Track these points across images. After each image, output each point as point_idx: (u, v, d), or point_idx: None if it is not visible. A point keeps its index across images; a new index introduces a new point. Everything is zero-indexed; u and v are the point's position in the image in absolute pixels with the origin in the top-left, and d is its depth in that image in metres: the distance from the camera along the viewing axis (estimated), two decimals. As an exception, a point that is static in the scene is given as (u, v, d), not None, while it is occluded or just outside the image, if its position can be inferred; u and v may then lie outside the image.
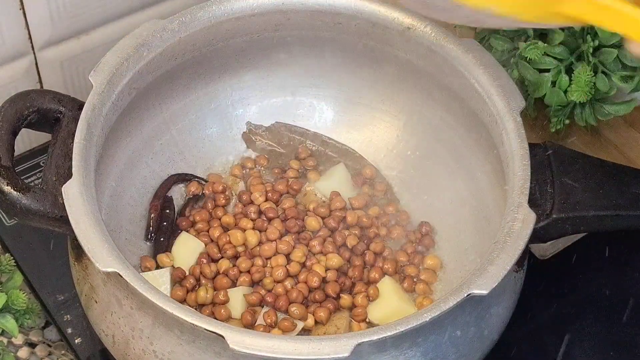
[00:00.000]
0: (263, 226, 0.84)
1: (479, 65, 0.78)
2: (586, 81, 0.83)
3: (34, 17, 0.87)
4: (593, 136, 0.91)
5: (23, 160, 0.95)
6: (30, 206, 0.71)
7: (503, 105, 0.76)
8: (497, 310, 0.74)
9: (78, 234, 0.68)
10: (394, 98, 0.89)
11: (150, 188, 0.86)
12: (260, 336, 0.64)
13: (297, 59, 0.87)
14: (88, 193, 0.70)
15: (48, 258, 0.88)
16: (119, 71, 0.76)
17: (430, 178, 0.87)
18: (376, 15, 0.82)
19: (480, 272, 0.67)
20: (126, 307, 0.70)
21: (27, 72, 0.91)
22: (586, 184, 0.75)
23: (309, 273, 0.81)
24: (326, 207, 0.85)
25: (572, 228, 0.75)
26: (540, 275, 0.85)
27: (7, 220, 0.90)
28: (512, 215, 0.71)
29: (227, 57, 0.86)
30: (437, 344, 0.69)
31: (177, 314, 0.64)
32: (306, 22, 0.83)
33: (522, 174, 0.73)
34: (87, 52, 0.93)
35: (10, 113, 0.74)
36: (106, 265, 0.66)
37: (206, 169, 0.89)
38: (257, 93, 0.90)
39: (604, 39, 0.82)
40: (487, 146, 0.79)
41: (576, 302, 0.87)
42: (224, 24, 0.82)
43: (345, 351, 0.63)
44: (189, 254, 0.83)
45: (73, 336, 0.83)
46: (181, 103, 0.87)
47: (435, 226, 0.86)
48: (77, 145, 0.72)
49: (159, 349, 0.69)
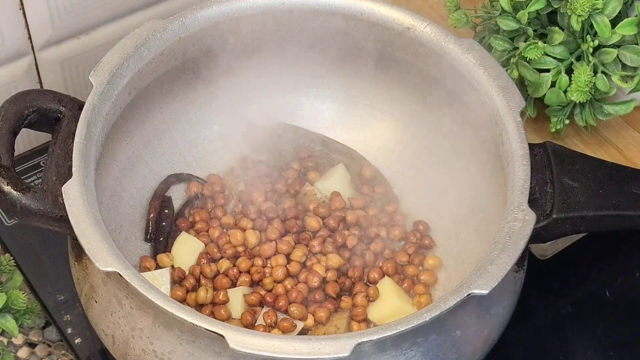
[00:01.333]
0: (263, 226, 0.84)
1: (479, 65, 0.78)
2: (586, 81, 0.83)
3: (34, 17, 0.87)
4: (593, 136, 0.91)
5: (23, 160, 0.95)
6: (30, 206, 0.71)
7: (503, 105, 0.76)
8: (497, 310, 0.74)
9: (78, 234, 0.68)
10: (394, 98, 0.89)
11: (150, 188, 0.86)
12: (261, 336, 0.64)
13: (298, 59, 0.87)
14: (88, 193, 0.70)
15: (48, 258, 0.88)
16: (119, 71, 0.76)
17: (431, 178, 0.87)
18: (376, 15, 0.82)
19: (481, 272, 0.67)
20: (126, 306, 0.70)
21: (27, 72, 0.91)
22: (586, 184, 0.75)
23: (309, 273, 0.81)
24: (326, 207, 0.85)
25: (572, 228, 0.75)
26: (540, 275, 0.85)
27: (7, 220, 0.90)
28: (512, 215, 0.71)
29: (227, 57, 0.86)
30: (437, 344, 0.69)
31: (178, 313, 0.64)
32: (306, 22, 0.83)
33: (522, 174, 0.73)
34: (87, 52, 0.93)
35: (10, 113, 0.74)
36: (106, 265, 0.66)
37: (206, 169, 0.89)
38: (257, 93, 0.90)
39: (604, 39, 0.82)
40: (487, 146, 0.79)
41: (576, 302, 0.87)
42: (224, 24, 0.82)
43: (345, 351, 0.63)
44: (189, 254, 0.83)
45: (73, 336, 0.83)
46: (181, 103, 0.87)
47: (435, 226, 0.86)
48: (77, 145, 0.72)
49: (159, 348, 0.69)
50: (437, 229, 0.86)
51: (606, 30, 0.82)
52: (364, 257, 0.83)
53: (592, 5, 0.81)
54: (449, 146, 0.86)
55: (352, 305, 0.80)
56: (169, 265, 0.82)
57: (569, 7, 0.81)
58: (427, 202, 0.87)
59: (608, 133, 0.92)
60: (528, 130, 0.76)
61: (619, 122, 0.92)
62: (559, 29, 0.84)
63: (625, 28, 0.82)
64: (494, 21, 0.87)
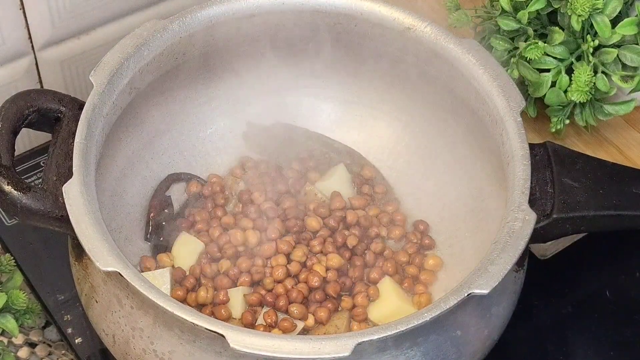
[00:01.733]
0: (263, 226, 0.84)
1: (479, 65, 0.78)
2: (586, 81, 0.83)
3: (34, 17, 0.87)
4: (593, 136, 0.91)
5: (23, 160, 0.95)
6: (30, 206, 0.71)
7: (503, 105, 0.76)
8: (497, 310, 0.74)
9: (78, 234, 0.68)
10: (394, 98, 0.89)
11: (150, 188, 0.86)
12: (261, 335, 0.64)
13: (298, 59, 0.87)
14: (88, 193, 0.70)
15: (48, 258, 0.88)
16: (119, 71, 0.76)
17: (431, 178, 0.87)
18: (376, 16, 0.82)
19: (481, 272, 0.67)
20: (126, 306, 0.70)
21: (27, 72, 0.91)
22: (586, 184, 0.75)
23: (309, 273, 0.81)
24: (326, 207, 0.85)
25: (572, 228, 0.75)
26: (540, 275, 0.85)
27: (7, 220, 0.90)
28: (512, 215, 0.71)
29: (227, 57, 0.86)
30: (438, 344, 0.69)
31: (178, 313, 0.64)
32: (306, 22, 0.83)
33: (522, 174, 0.73)
34: (87, 52, 0.93)
35: (10, 113, 0.74)
36: (106, 264, 0.66)
37: (206, 169, 0.89)
38: (258, 93, 0.90)
39: (604, 39, 0.82)
40: (487, 146, 0.79)
41: (576, 302, 0.87)
42: (224, 24, 0.82)
43: (346, 350, 0.63)
44: (189, 254, 0.83)
45: (73, 336, 0.83)
46: (181, 103, 0.87)
47: (435, 226, 0.86)
48: (77, 145, 0.72)
49: (160, 348, 0.69)
50: (437, 229, 0.86)
51: (606, 30, 0.82)
52: (364, 257, 0.83)
53: (592, 5, 0.81)
54: (449, 146, 0.86)
55: (352, 305, 0.80)
56: (169, 265, 0.82)
57: (569, 7, 0.81)
58: (427, 202, 0.87)
59: (608, 133, 0.92)
60: (528, 130, 0.76)
61: (619, 122, 0.92)
62: (559, 29, 0.84)
63: (625, 28, 0.82)
64: (494, 21, 0.87)
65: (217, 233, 0.84)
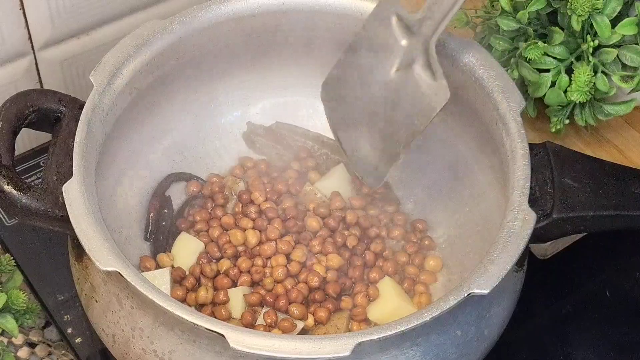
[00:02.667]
0: (263, 226, 0.84)
1: (479, 65, 0.78)
2: (586, 81, 0.83)
3: (34, 17, 0.87)
4: (593, 136, 0.91)
5: (23, 160, 0.95)
6: (30, 206, 0.71)
7: (503, 105, 0.76)
8: (497, 310, 0.74)
9: (78, 233, 0.68)
10: (394, 98, 0.89)
11: (150, 188, 0.86)
12: (261, 335, 0.64)
13: (298, 59, 0.87)
14: (88, 192, 0.70)
15: (48, 258, 0.88)
16: (119, 71, 0.76)
17: (431, 178, 0.87)
18: (376, 16, 0.82)
19: (481, 272, 0.67)
20: (126, 306, 0.70)
21: (27, 72, 0.91)
22: (586, 184, 0.75)
23: (309, 273, 0.81)
24: (326, 207, 0.85)
25: (572, 228, 0.75)
26: (540, 275, 0.85)
27: (7, 220, 0.90)
28: (512, 215, 0.71)
29: (228, 57, 0.86)
30: (438, 344, 0.69)
31: (178, 313, 0.64)
32: (306, 22, 0.83)
33: (522, 174, 0.73)
34: (87, 52, 0.93)
35: (10, 113, 0.74)
36: (106, 264, 0.66)
37: (206, 169, 0.89)
38: (258, 93, 0.90)
39: (604, 39, 0.82)
40: (487, 146, 0.79)
41: (576, 302, 0.87)
42: (224, 24, 0.82)
43: (346, 350, 0.63)
44: (189, 254, 0.83)
45: (73, 336, 0.83)
46: (181, 103, 0.87)
47: (435, 226, 0.86)
48: (77, 145, 0.72)
49: (160, 348, 0.69)
50: (437, 229, 0.86)
51: (606, 30, 0.82)
52: (364, 257, 0.83)
53: (592, 5, 0.81)
54: (449, 146, 0.86)
55: (352, 305, 0.80)
56: (169, 265, 0.82)
57: (569, 7, 0.81)
58: (427, 203, 0.87)
59: (608, 133, 0.92)
60: (528, 130, 0.76)
61: (619, 122, 0.92)
62: (559, 29, 0.84)
63: (625, 28, 0.82)
64: (494, 21, 0.87)
65: (217, 233, 0.84)
